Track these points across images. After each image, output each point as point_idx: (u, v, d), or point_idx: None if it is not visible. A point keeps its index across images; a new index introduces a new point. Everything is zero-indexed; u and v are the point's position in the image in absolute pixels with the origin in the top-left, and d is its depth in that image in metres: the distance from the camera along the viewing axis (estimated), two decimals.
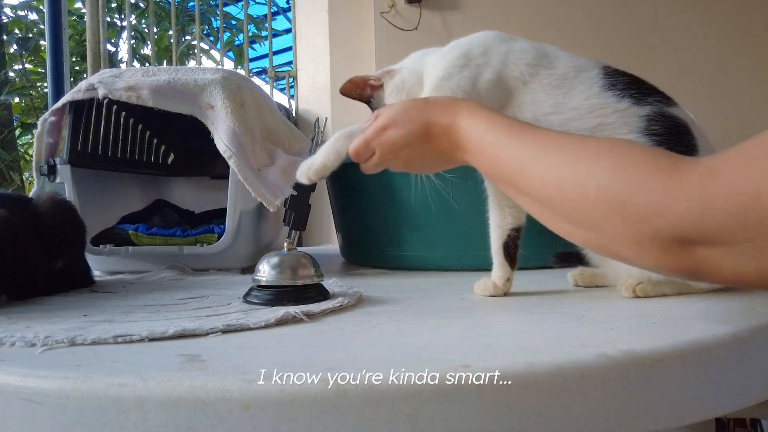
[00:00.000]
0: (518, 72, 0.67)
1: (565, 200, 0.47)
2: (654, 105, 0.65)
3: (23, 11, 3.68)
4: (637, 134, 0.63)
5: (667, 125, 0.64)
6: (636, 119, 0.64)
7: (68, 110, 0.99)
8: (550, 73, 0.67)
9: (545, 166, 0.48)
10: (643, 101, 0.65)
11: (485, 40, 0.71)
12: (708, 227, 0.37)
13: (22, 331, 0.51)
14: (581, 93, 0.66)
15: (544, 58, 0.68)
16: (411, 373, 0.38)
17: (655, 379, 0.41)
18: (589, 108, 0.65)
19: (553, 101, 0.66)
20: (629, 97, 0.65)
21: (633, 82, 0.67)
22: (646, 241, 0.41)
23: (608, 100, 0.65)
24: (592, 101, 0.65)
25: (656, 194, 0.39)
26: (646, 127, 0.64)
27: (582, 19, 2.05)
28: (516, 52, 0.69)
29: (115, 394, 0.37)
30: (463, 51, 0.70)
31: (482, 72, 0.68)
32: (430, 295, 0.74)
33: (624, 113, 0.64)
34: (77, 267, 0.85)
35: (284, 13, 3.14)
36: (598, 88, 0.66)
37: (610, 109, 0.65)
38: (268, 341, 0.50)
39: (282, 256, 0.66)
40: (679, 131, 0.64)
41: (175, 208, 1.25)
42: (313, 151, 1.00)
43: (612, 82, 0.66)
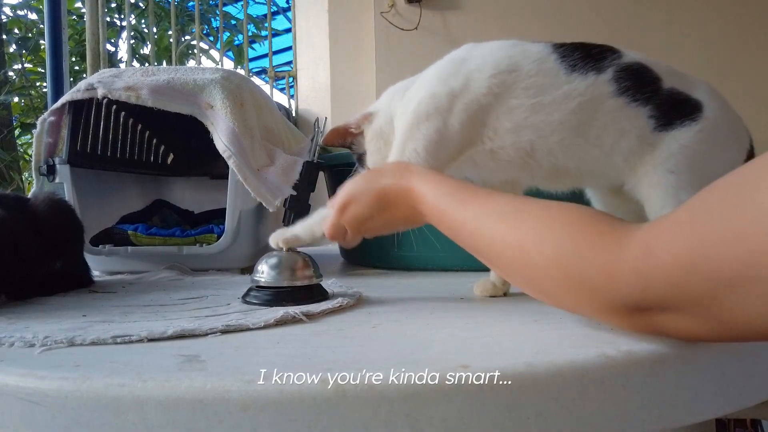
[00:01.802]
0: (485, 88, 0.67)
1: (518, 269, 0.47)
2: (611, 65, 0.66)
3: (23, 11, 3.68)
4: (614, 98, 0.65)
5: (630, 76, 0.65)
6: (606, 86, 0.65)
7: (68, 110, 0.98)
8: (515, 76, 0.67)
9: (495, 235, 0.49)
10: (603, 67, 0.66)
11: (447, 69, 0.70)
12: (653, 298, 0.38)
13: (21, 332, 0.51)
14: (552, 86, 0.66)
15: (505, 62, 0.68)
16: (411, 373, 0.38)
17: (655, 380, 0.41)
18: (565, 95, 0.65)
19: (529, 103, 0.66)
20: (591, 69, 0.66)
21: (583, 53, 0.67)
22: (603, 308, 0.42)
23: (577, 81, 0.65)
24: (564, 89, 0.65)
25: (601, 266, 0.40)
26: (617, 90, 0.65)
27: (582, 20, 2.05)
28: (474, 69, 0.68)
29: (114, 395, 0.37)
30: (430, 91, 0.69)
31: (450, 114, 0.67)
32: (430, 295, 0.74)
33: (594, 85, 0.65)
34: (76, 267, 0.85)
35: (284, 13, 3.14)
36: (563, 74, 0.66)
37: (582, 87, 0.65)
38: (267, 342, 0.50)
39: (281, 257, 0.66)
40: (641, 75, 0.66)
41: (175, 208, 1.25)
42: (312, 150, 1.00)
43: (571, 63, 0.66)
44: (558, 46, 0.68)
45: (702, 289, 0.34)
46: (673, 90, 0.66)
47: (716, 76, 1.99)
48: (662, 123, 0.65)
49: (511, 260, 0.47)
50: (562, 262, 0.43)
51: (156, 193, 1.29)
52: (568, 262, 0.42)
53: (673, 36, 2.02)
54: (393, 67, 2.09)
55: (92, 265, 0.91)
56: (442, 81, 0.69)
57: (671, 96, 0.66)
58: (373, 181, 0.61)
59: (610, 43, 0.71)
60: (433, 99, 0.68)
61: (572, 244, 0.42)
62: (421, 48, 2.07)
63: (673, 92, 0.66)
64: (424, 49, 2.07)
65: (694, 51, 1.99)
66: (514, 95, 0.66)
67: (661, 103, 0.65)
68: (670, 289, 0.36)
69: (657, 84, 0.66)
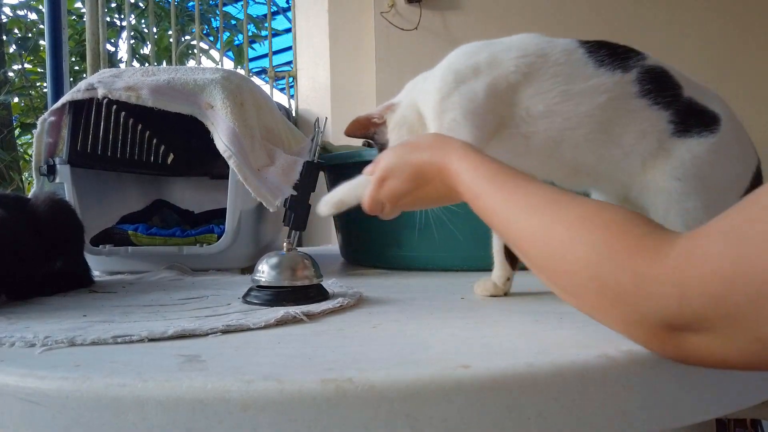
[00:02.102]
0: (513, 66, 0.67)
1: (548, 263, 0.46)
2: (636, 65, 0.67)
3: (23, 11, 3.68)
4: (638, 98, 0.66)
5: (653, 79, 0.66)
6: (630, 85, 0.66)
7: (68, 110, 0.98)
8: (543, 60, 0.67)
9: (527, 228, 0.47)
10: (629, 66, 0.67)
11: (467, 50, 0.71)
12: (688, 313, 0.36)
13: (22, 332, 0.51)
14: (580, 77, 0.67)
15: (532, 47, 0.69)
16: (411, 373, 0.38)
17: (656, 380, 0.41)
18: (593, 89, 0.66)
19: (559, 90, 0.67)
20: (618, 67, 0.67)
21: (610, 50, 0.68)
22: (631, 319, 0.40)
23: (604, 76, 0.66)
24: (592, 82, 0.66)
25: (636, 273, 0.38)
26: (640, 90, 0.66)
27: (582, 20, 2.05)
28: (500, 50, 0.69)
29: (114, 395, 0.37)
30: (452, 68, 0.70)
31: (477, 82, 0.68)
32: (430, 295, 0.74)
33: (620, 84, 0.66)
34: (76, 267, 0.85)
35: (284, 13, 3.14)
36: (592, 68, 0.67)
37: (609, 84, 0.66)
38: (267, 342, 0.50)
39: (281, 257, 0.66)
40: (663, 80, 0.67)
41: (175, 208, 1.25)
42: (313, 150, 1.00)
43: (598, 58, 0.67)
44: (584, 42, 0.69)
45: (742, 301, 0.33)
46: (692, 99, 0.67)
47: (716, 76, 1.99)
48: (681, 130, 0.66)
49: (541, 257, 0.46)
50: (593, 265, 0.41)
51: (156, 193, 1.29)
52: (600, 265, 0.40)
53: (673, 36, 2.02)
54: (393, 67, 2.09)
55: (92, 265, 0.91)
56: (467, 57, 0.70)
57: (690, 105, 0.67)
58: (411, 155, 0.59)
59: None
60: (457, 74, 0.69)
61: (607, 247, 0.40)
62: (421, 48, 2.07)
63: (692, 102, 0.67)
64: (424, 49, 2.07)
65: (694, 51, 1.99)
66: (543, 78, 0.67)
67: (681, 110, 0.66)
68: (708, 302, 0.34)
69: (677, 90, 0.67)
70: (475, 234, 0.78)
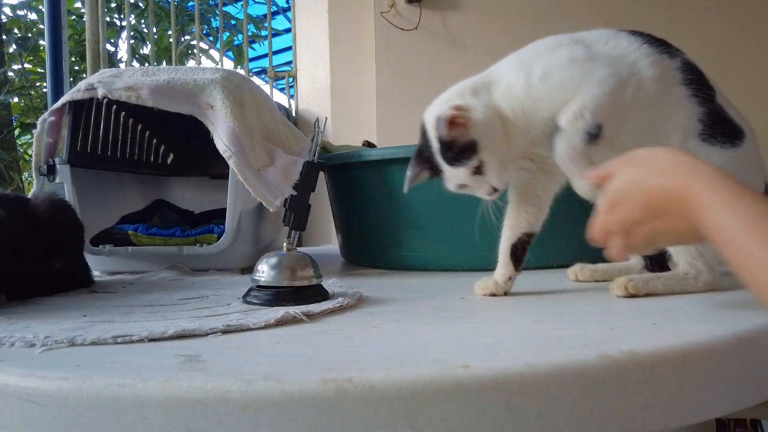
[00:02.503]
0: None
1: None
2: (678, 54, 0.68)
3: (22, 11, 3.68)
4: (680, 86, 0.66)
5: (693, 72, 0.68)
6: (675, 72, 0.67)
7: (68, 110, 0.98)
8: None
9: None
10: (673, 53, 0.68)
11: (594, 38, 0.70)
12: None
13: (22, 332, 0.51)
14: (649, 65, 0.66)
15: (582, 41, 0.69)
16: (411, 373, 0.38)
17: (656, 380, 0.41)
18: (655, 77, 0.66)
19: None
20: (665, 53, 0.68)
21: (652, 39, 0.69)
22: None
23: (655, 55, 0.67)
24: (655, 71, 0.66)
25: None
26: (684, 78, 0.67)
27: (582, 20, 2.05)
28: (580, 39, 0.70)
29: (114, 395, 0.37)
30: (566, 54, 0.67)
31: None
32: (430, 295, 0.74)
33: (668, 67, 0.67)
34: (76, 267, 0.85)
35: (284, 13, 3.14)
36: (646, 47, 0.67)
37: (665, 69, 0.66)
38: (267, 342, 0.50)
39: (281, 257, 0.65)
40: (702, 76, 0.68)
41: (175, 208, 1.25)
42: (313, 150, 1.00)
43: (646, 39, 0.68)
44: (631, 32, 0.70)
45: None
46: (723, 108, 0.68)
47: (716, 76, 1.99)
48: (707, 134, 0.66)
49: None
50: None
51: (156, 193, 1.29)
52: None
53: (674, 36, 2.02)
54: (393, 67, 2.09)
55: (92, 265, 0.91)
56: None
57: (720, 112, 0.67)
58: (647, 178, 0.49)
59: None
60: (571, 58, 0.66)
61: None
62: (421, 48, 2.07)
63: (722, 110, 0.68)
64: (424, 49, 2.07)
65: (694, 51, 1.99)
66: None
67: (713, 113, 0.66)
68: None
69: (713, 92, 0.68)
70: (475, 234, 0.78)
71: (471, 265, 0.91)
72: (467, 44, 2.08)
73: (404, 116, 2.07)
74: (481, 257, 0.88)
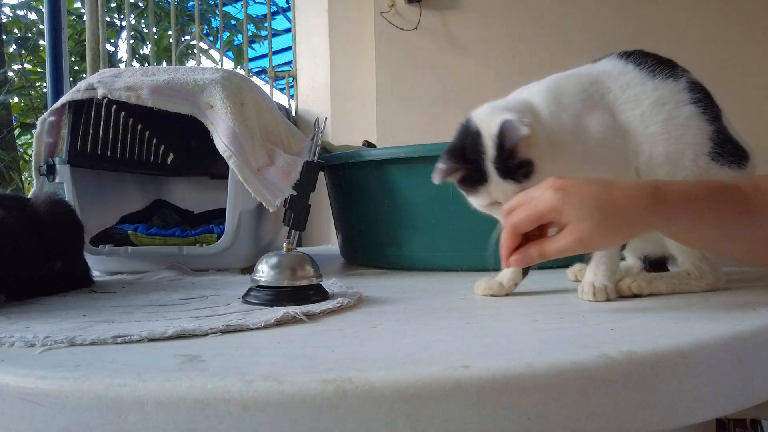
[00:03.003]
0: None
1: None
2: (684, 75, 0.69)
3: (22, 11, 3.68)
4: (689, 105, 0.67)
5: (699, 90, 0.68)
6: (682, 93, 0.68)
7: (68, 110, 0.98)
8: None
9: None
10: (678, 75, 0.69)
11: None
12: None
13: (22, 332, 0.51)
14: (649, 90, 0.68)
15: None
16: (411, 373, 0.38)
17: (656, 380, 0.41)
18: (657, 100, 0.68)
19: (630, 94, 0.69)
20: (669, 76, 0.69)
21: (655, 59, 0.70)
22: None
23: (665, 86, 0.68)
24: (656, 94, 0.68)
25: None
26: (691, 98, 0.67)
27: (581, 20, 2.05)
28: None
29: (114, 395, 0.37)
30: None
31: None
32: (430, 295, 0.74)
33: (675, 90, 0.68)
34: (76, 267, 0.85)
35: (284, 13, 3.14)
36: (650, 81, 0.69)
37: (668, 93, 0.68)
38: (267, 342, 0.50)
39: (281, 257, 0.65)
40: (707, 94, 0.68)
41: (175, 208, 1.25)
42: (313, 150, 1.00)
43: (651, 68, 0.69)
44: (624, 54, 0.71)
45: None
46: (728, 129, 0.68)
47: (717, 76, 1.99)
48: (716, 152, 0.66)
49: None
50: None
51: (156, 193, 1.29)
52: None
53: (674, 36, 2.02)
54: (393, 67, 2.09)
55: (92, 265, 0.91)
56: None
57: (727, 133, 0.68)
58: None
59: (609, 45, 0.72)
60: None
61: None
62: (421, 48, 2.07)
63: (728, 131, 0.68)
64: (424, 49, 2.07)
65: (694, 50, 1.99)
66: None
67: (722, 132, 0.67)
68: None
69: (720, 112, 0.68)
70: (475, 234, 0.78)
71: (471, 265, 0.91)
72: (467, 44, 2.08)
73: (404, 116, 2.08)
74: (480, 257, 0.88)
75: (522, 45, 2.07)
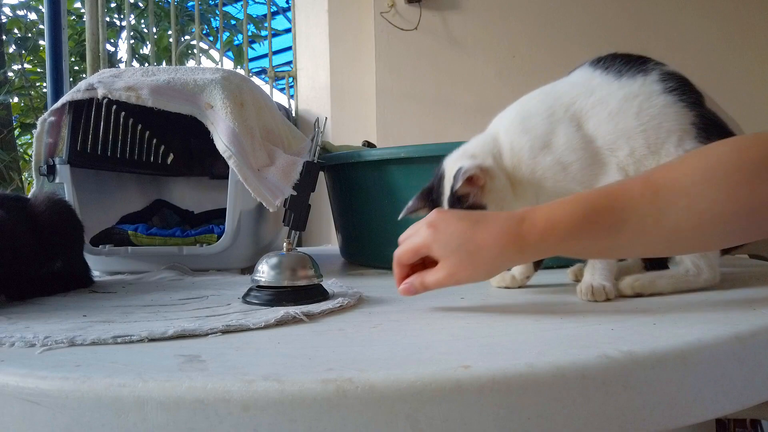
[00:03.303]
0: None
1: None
2: (655, 68, 0.69)
3: (22, 11, 3.68)
4: (663, 95, 0.67)
5: (676, 79, 0.68)
6: (654, 85, 0.68)
7: (68, 110, 0.98)
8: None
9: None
10: (648, 69, 0.69)
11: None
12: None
13: (22, 332, 0.51)
14: (615, 90, 0.68)
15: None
16: (411, 373, 0.38)
17: (656, 380, 0.41)
18: (625, 97, 0.68)
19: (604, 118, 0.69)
20: (638, 72, 0.68)
21: (624, 59, 0.70)
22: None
23: (633, 83, 0.68)
24: (623, 92, 0.68)
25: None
26: (664, 88, 0.67)
27: (581, 20, 2.05)
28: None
29: (114, 395, 0.37)
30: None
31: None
32: (430, 295, 0.74)
33: (645, 84, 0.68)
34: (76, 267, 0.85)
35: (284, 13, 3.14)
36: (616, 81, 0.69)
37: (637, 88, 0.68)
38: (267, 342, 0.50)
39: (281, 257, 0.65)
40: (685, 83, 0.68)
41: (175, 209, 1.25)
42: (313, 150, 1.00)
43: (618, 69, 0.69)
44: (596, 61, 0.72)
45: None
46: (715, 113, 0.68)
47: (716, 75, 1.99)
48: (703, 136, 0.66)
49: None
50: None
51: (156, 193, 1.29)
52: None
53: (675, 33, 2.02)
54: (393, 67, 2.09)
55: (92, 265, 0.91)
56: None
57: (712, 117, 0.68)
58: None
59: (609, 45, 0.72)
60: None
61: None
62: (421, 48, 2.07)
63: (714, 115, 0.68)
64: (424, 49, 2.07)
65: (694, 50, 1.99)
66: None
67: (705, 116, 0.67)
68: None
69: (700, 97, 0.68)
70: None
71: None
72: (467, 44, 2.08)
73: (404, 116, 2.08)
74: None
75: (522, 45, 2.07)
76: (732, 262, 0.95)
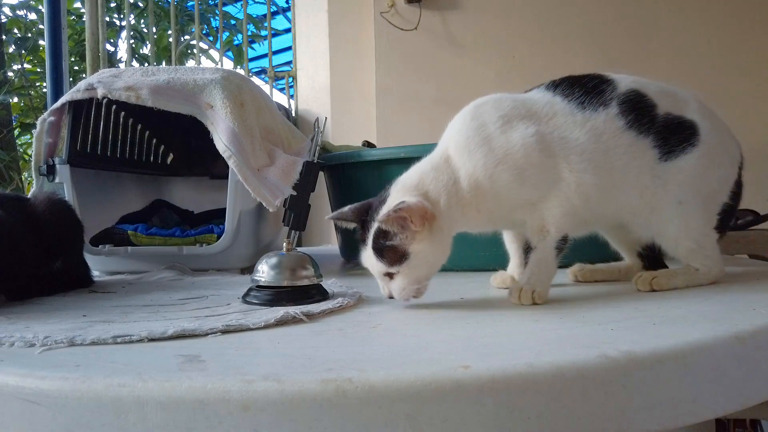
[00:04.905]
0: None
1: None
2: (613, 97, 0.68)
3: (22, 11, 3.68)
4: (626, 131, 0.66)
5: (631, 106, 0.67)
6: (616, 119, 0.67)
7: (67, 110, 0.98)
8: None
9: None
10: (606, 101, 0.67)
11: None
12: None
13: (22, 332, 0.51)
14: (583, 124, 0.67)
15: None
16: (411, 373, 0.38)
17: (656, 380, 0.41)
18: (591, 132, 0.67)
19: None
20: (600, 106, 0.67)
21: (580, 87, 0.69)
22: None
23: (598, 118, 0.67)
24: (589, 125, 0.67)
25: None
26: (626, 123, 0.67)
27: (581, 21, 2.05)
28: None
29: (114, 395, 0.37)
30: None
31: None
32: (430, 295, 0.74)
33: (612, 125, 0.67)
34: (76, 267, 0.85)
35: (284, 13, 3.14)
36: (579, 113, 0.67)
37: (601, 124, 0.67)
38: (267, 342, 0.50)
39: (281, 257, 0.65)
40: (639, 104, 0.68)
41: (175, 208, 1.25)
42: (313, 150, 1.00)
43: (580, 100, 0.68)
44: (549, 85, 0.70)
45: None
46: (669, 115, 0.69)
47: (717, 76, 1.99)
48: (665, 152, 0.67)
49: None
50: None
51: (156, 193, 1.29)
52: None
53: (674, 35, 2.02)
54: (393, 67, 2.09)
55: (92, 265, 0.91)
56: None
57: (668, 122, 0.68)
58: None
59: (608, 46, 0.72)
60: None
61: None
62: (421, 48, 2.07)
63: (669, 117, 0.69)
64: (424, 49, 2.07)
65: (692, 51, 1.99)
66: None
67: (660, 131, 0.68)
68: None
69: (653, 111, 0.68)
70: (474, 235, 0.78)
71: (471, 266, 0.91)
72: (467, 44, 2.08)
73: (404, 116, 2.08)
74: (480, 257, 0.88)
75: (522, 45, 2.07)
76: (732, 262, 0.95)
